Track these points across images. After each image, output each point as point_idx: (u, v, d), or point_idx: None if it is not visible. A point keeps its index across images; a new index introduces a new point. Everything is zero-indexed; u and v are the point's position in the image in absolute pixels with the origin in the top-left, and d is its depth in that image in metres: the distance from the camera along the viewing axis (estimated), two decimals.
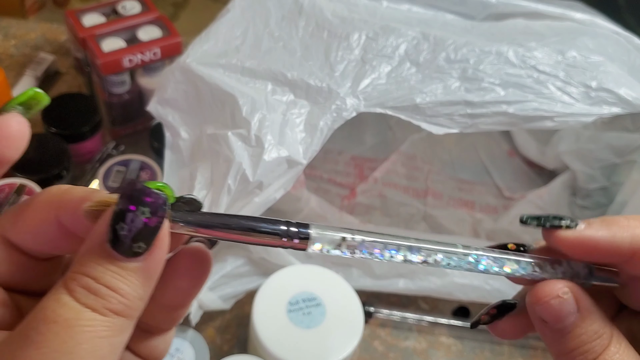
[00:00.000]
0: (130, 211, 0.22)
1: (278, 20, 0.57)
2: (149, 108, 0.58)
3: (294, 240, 0.24)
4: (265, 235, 0.24)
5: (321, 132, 0.51)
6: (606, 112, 0.52)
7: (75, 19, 0.69)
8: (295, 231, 0.24)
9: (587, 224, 0.27)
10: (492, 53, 0.54)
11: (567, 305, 0.26)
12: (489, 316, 0.30)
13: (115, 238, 0.22)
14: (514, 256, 0.28)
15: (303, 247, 0.25)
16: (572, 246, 0.27)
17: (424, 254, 0.26)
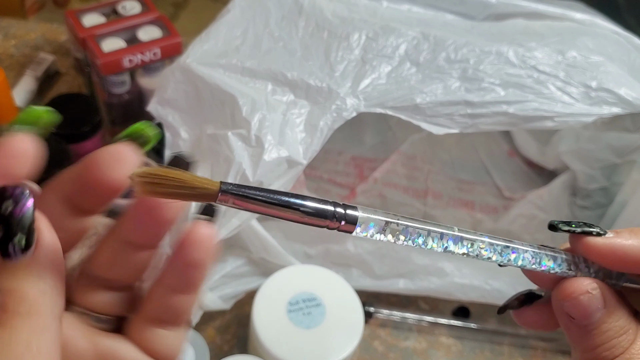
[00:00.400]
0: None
1: (278, 20, 0.57)
2: (149, 108, 0.58)
3: (341, 222, 0.24)
4: (313, 216, 0.23)
5: (321, 132, 0.51)
6: (606, 112, 0.52)
7: (75, 19, 0.69)
8: (342, 213, 0.24)
9: (615, 233, 0.27)
10: (492, 53, 0.54)
11: (595, 301, 0.27)
12: (518, 301, 0.30)
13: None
14: (551, 252, 0.28)
15: (349, 229, 0.24)
16: (602, 253, 0.27)
17: (466, 244, 0.26)
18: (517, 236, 0.68)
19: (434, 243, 0.26)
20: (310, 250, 0.61)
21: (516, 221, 0.69)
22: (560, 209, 0.70)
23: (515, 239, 0.71)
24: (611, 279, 0.28)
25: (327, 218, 0.24)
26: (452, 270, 0.60)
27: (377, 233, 0.25)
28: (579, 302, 0.27)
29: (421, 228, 0.25)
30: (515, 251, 0.27)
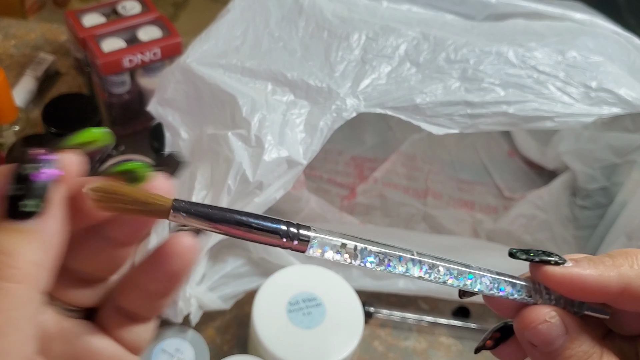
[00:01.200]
0: (17, 170, 0.21)
1: (278, 20, 0.57)
2: (149, 108, 0.58)
3: (294, 241, 0.24)
4: (265, 234, 0.24)
5: (321, 133, 0.51)
6: (606, 113, 0.52)
7: (75, 19, 0.69)
8: (296, 232, 0.24)
9: (574, 262, 0.27)
10: (492, 53, 0.54)
11: (555, 328, 0.27)
12: (494, 340, 0.30)
13: (8, 205, 0.21)
14: (510, 278, 0.28)
15: (302, 249, 0.25)
16: (559, 283, 0.27)
17: (425, 267, 0.26)
18: (517, 236, 0.68)
19: (389, 267, 0.26)
20: None
21: (516, 221, 0.69)
22: (560, 209, 0.70)
23: (515, 239, 0.71)
24: (573, 306, 0.28)
25: (280, 237, 0.24)
26: None
27: (334, 253, 0.25)
28: (538, 330, 0.27)
29: (378, 251, 0.26)
30: (472, 276, 0.27)
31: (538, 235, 0.68)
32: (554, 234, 0.69)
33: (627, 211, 0.61)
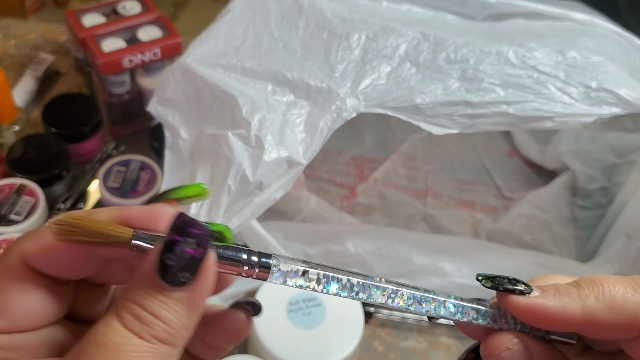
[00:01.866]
0: (177, 242, 0.22)
1: (278, 20, 0.57)
2: (149, 108, 0.58)
3: (255, 269, 0.25)
4: (226, 261, 0.24)
5: (321, 133, 0.51)
6: (606, 113, 0.52)
7: (75, 19, 0.69)
8: (256, 260, 0.25)
9: (540, 291, 0.27)
10: (492, 53, 0.54)
11: (518, 355, 0.27)
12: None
13: (164, 268, 0.22)
14: (476, 304, 0.28)
15: (263, 276, 0.25)
16: (524, 312, 0.27)
17: (387, 292, 0.26)
18: (517, 236, 0.68)
19: (352, 294, 0.26)
20: (310, 250, 0.61)
21: (516, 221, 0.69)
22: (560, 209, 0.70)
23: (515, 239, 0.71)
24: (539, 331, 0.28)
25: (242, 265, 0.24)
26: (452, 270, 0.60)
27: (296, 280, 0.25)
28: (502, 358, 0.27)
29: (339, 278, 0.26)
30: (436, 301, 0.27)
31: (538, 235, 0.68)
32: (554, 234, 0.69)
33: (627, 211, 0.61)
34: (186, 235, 0.23)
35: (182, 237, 0.22)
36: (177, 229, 0.23)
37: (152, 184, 0.63)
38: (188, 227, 0.23)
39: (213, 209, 0.49)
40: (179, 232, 0.23)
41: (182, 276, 0.23)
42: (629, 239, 0.57)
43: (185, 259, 0.22)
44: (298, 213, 0.65)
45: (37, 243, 0.24)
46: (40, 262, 0.25)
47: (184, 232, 0.23)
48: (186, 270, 0.23)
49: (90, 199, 0.67)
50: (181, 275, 0.23)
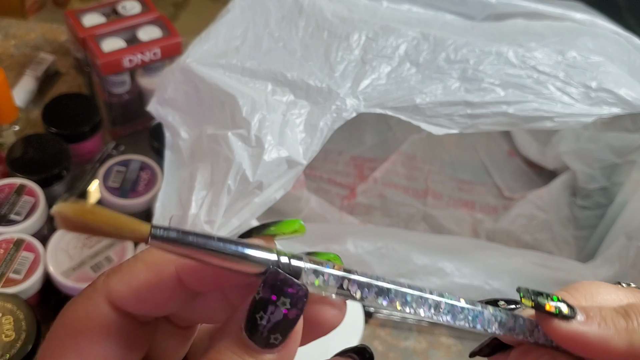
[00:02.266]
0: (272, 301, 0.21)
1: (278, 20, 0.57)
2: (149, 108, 0.58)
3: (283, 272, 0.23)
4: (251, 264, 0.22)
5: (321, 133, 0.51)
6: (606, 113, 0.52)
7: (75, 19, 0.69)
8: (286, 263, 0.22)
9: (585, 317, 0.25)
10: (492, 53, 0.54)
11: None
12: (490, 348, 0.29)
13: (253, 327, 0.21)
14: (510, 314, 0.26)
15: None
16: (564, 339, 0.25)
17: (427, 305, 0.25)
18: (517, 236, 0.68)
19: (388, 302, 0.25)
20: (310, 250, 0.61)
21: (516, 221, 0.69)
22: (560, 209, 0.70)
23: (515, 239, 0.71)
24: None
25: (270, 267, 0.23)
26: (452, 270, 0.60)
27: (325, 288, 0.23)
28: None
29: (374, 285, 0.24)
30: (474, 314, 0.26)
31: (538, 235, 0.68)
32: (554, 234, 0.69)
33: (627, 211, 0.61)
34: (282, 295, 0.21)
35: (278, 296, 0.21)
36: (273, 288, 0.21)
37: (152, 184, 0.63)
38: (285, 286, 0.21)
39: (213, 209, 0.49)
40: (275, 290, 0.21)
41: (272, 337, 0.21)
42: (629, 239, 0.57)
43: (278, 319, 0.21)
44: (298, 213, 0.65)
45: (126, 281, 0.23)
46: (130, 303, 0.23)
47: (280, 291, 0.21)
48: (277, 331, 0.21)
49: (90, 199, 0.67)
50: (272, 336, 0.21)
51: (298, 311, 0.21)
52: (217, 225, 0.49)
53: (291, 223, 0.24)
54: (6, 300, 0.51)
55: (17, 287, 0.54)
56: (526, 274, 0.60)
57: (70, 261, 0.57)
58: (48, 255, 0.57)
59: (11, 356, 0.48)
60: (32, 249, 0.57)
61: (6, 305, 0.50)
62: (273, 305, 0.21)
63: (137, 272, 0.23)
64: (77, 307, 0.23)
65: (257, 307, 0.21)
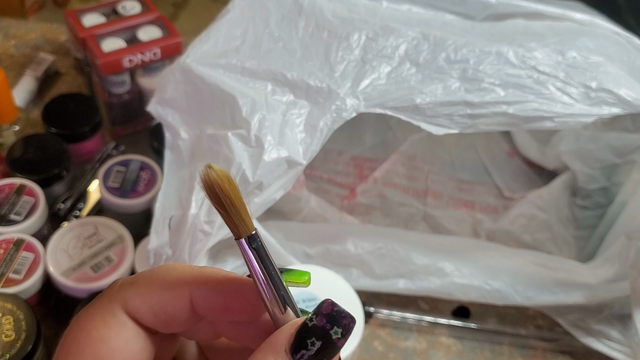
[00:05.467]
0: (326, 329, 0.22)
1: (278, 20, 0.57)
2: (149, 108, 0.58)
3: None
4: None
5: (321, 133, 0.51)
6: (606, 113, 0.52)
7: (75, 19, 0.69)
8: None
9: None
10: (492, 53, 0.54)
11: None
12: None
13: (298, 350, 0.22)
14: None
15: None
16: None
17: None
18: (517, 236, 0.68)
19: None
20: (310, 250, 0.61)
21: (516, 221, 0.69)
22: (560, 209, 0.70)
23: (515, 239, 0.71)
24: None
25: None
26: (452, 270, 0.60)
27: None
28: None
29: None
30: None
31: (538, 235, 0.68)
32: (554, 234, 0.69)
33: (627, 211, 0.61)
34: (336, 325, 0.22)
35: (332, 325, 0.22)
36: (330, 317, 0.22)
37: (152, 184, 0.63)
38: (340, 317, 0.22)
39: (213, 209, 0.49)
40: (330, 320, 0.22)
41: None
42: (629, 239, 0.57)
43: (327, 347, 0.22)
44: (298, 213, 0.65)
45: (142, 294, 0.24)
46: (143, 316, 0.24)
47: (335, 321, 0.22)
48: (321, 357, 0.22)
49: (90, 199, 0.67)
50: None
51: (344, 340, 0.22)
52: (217, 225, 0.49)
53: (300, 275, 0.25)
54: (6, 300, 0.51)
55: (17, 287, 0.54)
56: (526, 274, 0.60)
57: (70, 261, 0.57)
58: (48, 255, 0.57)
59: (11, 356, 0.48)
60: (32, 249, 0.57)
61: (6, 305, 0.50)
62: (326, 333, 0.22)
63: (153, 287, 0.23)
64: (95, 316, 0.23)
65: (310, 333, 0.22)
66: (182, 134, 0.56)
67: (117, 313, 0.23)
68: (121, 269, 0.57)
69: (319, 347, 0.22)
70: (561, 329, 0.62)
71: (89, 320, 0.23)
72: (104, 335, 0.23)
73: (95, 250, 0.58)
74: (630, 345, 0.59)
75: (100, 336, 0.23)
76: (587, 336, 0.61)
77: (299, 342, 0.22)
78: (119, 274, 0.57)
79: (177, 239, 0.50)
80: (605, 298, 0.59)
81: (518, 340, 0.63)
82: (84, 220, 0.61)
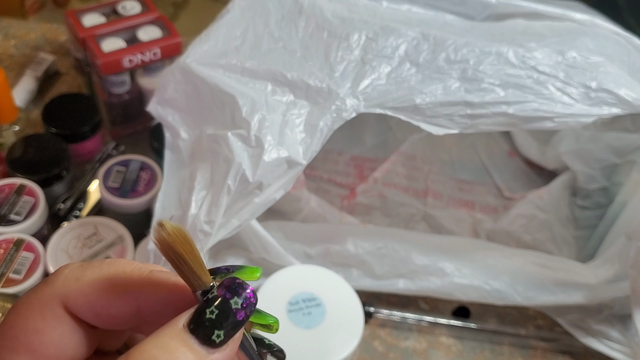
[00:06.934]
0: (225, 299, 0.22)
1: (278, 20, 0.57)
2: (149, 108, 0.58)
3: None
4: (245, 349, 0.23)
5: (321, 133, 0.51)
6: (606, 113, 0.52)
7: (75, 19, 0.69)
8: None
9: None
10: (492, 53, 0.54)
11: None
12: None
13: (198, 323, 0.21)
14: None
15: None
16: None
17: None
18: (517, 236, 0.68)
19: None
20: (310, 250, 0.61)
21: (516, 221, 0.69)
22: (560, 209, 0.70)
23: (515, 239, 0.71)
24: None
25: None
26: (452, 270, 0.60)
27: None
28: None
29: None
30: None
31: (538, 236, 0.68)
32: (554, 234, 0.69)
33: (627, 211, 0.61)
34: (236, 295, 0.22)
35: (232, 295, 0.22)
36: (229, 287, 0.22)
37: (152, 184, 0.63)
38: (241, 289, 0.22)
39: (213, 209, 0.49)
40: (230, 290, 0.22)
41: (215, 335, 0.21)
42: (629, 239, 0.57)
43: (225, 317, 0.21)
44: (298, 213, 0.65)
45: (86, 294, 0.23)
46: (84, 313, 0.23)
47: (235, 292, 0.22)
48: (221, 328, 0.21)
49: (90, 198, 0.67)
50: (215, 333, 0.21)
51: (246, 316, 0.22)
52: (216, 226, 0.49)
53: (251, 271, 0.24)
54: (6, 300, 0.51)
55: (17, 287, 0.54)
56: (526, 274, 0.60)
57: (70, 261, 0.57)
58: (48, 255, 0.57)
59: None
60: (32, 249, 0.57)
61: (6, 305, 0.50)
62: (225, 301, 0.21)
63: (98, 288, 0.23)
64: (33, 306, 0.23)
65: (208, 303, 0.22)
66: (182, 134, 0.56)
67: (55, 307, 0.23)
68: None
69: (217, 315, 0.21)
70: (561, 329, 0.62)
71: (27, 309, 0.23)
72: (40, 327, 0.23)
73: (95, 250, 0.58)
74: (630, 345, 0.59)
75: (36, 327, 0.23)
76: (587, 336, 0.61)
77: (199, 314, 0.21)
78: None
79: None
80: (605, 298, 0.59)
81: (518, 340, 0.63)
82: (84, 220, 0.61)
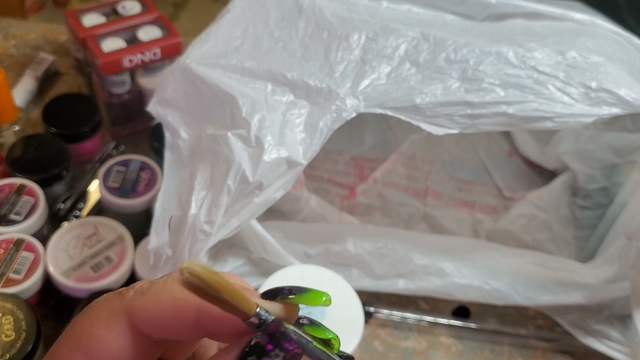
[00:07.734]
0: (267, 350, 0.20)
1: (278, 20, 0.57)
2: (149, 108, 0.58)
3: None
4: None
5: (321, 133, 0.51)
6: (606, 113, 0.52)
7: (75, 19, 0.69)
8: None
9: None
10: (492, 53, 0.54)
11: None
12: None
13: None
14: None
15: None
16: None
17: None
18: (517, 236, 0.68)
19: None
20: (310, 250, 0.61)
21: (516, 221, 0.69)
22: (560, 209, 0.70)
23: (515, 239, 0.71)
24: None
25: None
26: (452, 270, 0.60)
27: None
28: None
29: None
30: None
31: (538, 235, 0.68)
32: (554, 234, 0.69)
33: (627, 211, 0.61)
34: (278, 347, 0.20)
35: (274, 346, 0.20)
36: (272, 337, 0.20)
37: (152, 184, 0.63)
38: (283, 340, 0.20)
39: (213, 209, 0.49)
40: (273, 341, 0.20)
41: None
42: (629, 239, 0.57)
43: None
44: (298, 213, 0.65)
45: (150, 309, 0.23)
46: (147, 327, 0.24)
47: (277, 343, 0.20)
48: None
49: (90, 198, 0.67)
50: None
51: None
52: (216, 226, 0.49)
53: (316, 296, 0.23)
54: (6, 300, 0.51)
55: (17, 287, 0.54)
56: (526, 274, 0.61)
57: (70, 261, 0.57)
58: (48, 255, 0.57)
59: (11, 356, 0.48)
60: (32, 249, 0.57)
61: (6, 305, 0.50)
62: (267, 354, 0.20)
63: (162, 302, 0.23)
64: (101, 314, 0.24)
65: (250, 351, 0.21)
66: (182, 134, 0.56)
67: (121, 319, 0.24)
68: (121, 269, 0.57)
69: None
70: (561, 329, 0.62)
71: (96, 315, 0.24)
72: (103, 335, 0.23)
73: (95, 250, 0.58)
74: (630, 345, 0.59)
75: (99, 335, 0.23)
76: (587, 336, 0.61)
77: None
78: (119, 274, 0.57)
79: (177, 239, 0.50)
80: (605, 298, 0.59)
81: (518, 340, 0.63)
82: (84, 220, 0.61)
